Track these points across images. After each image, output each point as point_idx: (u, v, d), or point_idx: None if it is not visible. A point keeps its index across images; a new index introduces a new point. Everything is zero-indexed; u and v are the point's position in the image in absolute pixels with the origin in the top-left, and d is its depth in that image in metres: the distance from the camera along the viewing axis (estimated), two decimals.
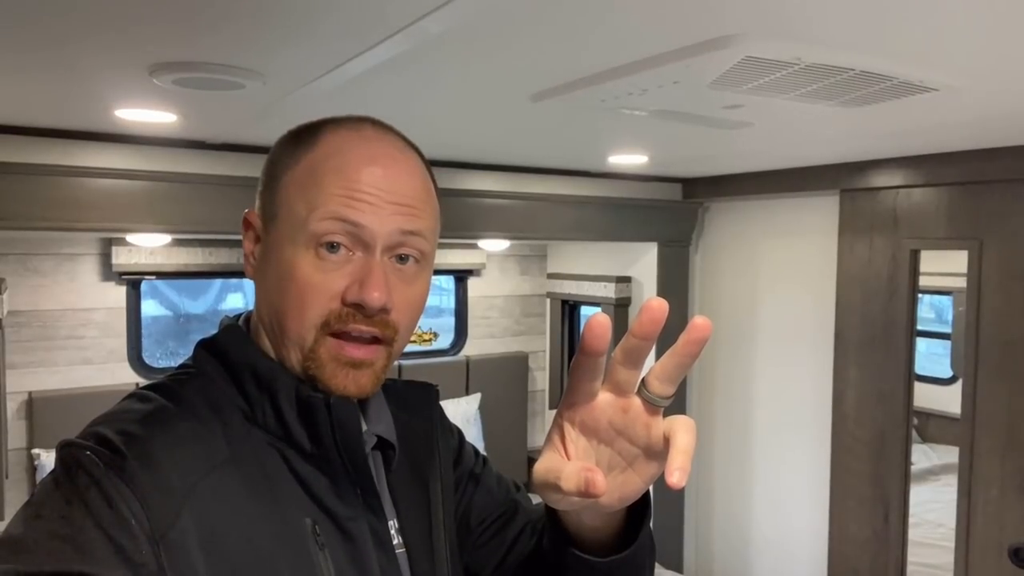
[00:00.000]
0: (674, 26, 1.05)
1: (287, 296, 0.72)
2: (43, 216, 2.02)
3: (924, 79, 1.28)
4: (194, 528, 0.63)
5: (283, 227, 0.73)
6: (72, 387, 2.64)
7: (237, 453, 0.69)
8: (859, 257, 2.55)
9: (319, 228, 0.71)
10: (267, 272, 0.75)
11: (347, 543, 0.72)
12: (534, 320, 3.78)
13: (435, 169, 0.82)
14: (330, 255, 0.71)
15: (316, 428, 0.72)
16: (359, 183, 0.71)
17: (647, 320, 0.57)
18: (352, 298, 0.71)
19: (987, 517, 2.19)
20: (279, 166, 0.76)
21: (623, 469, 0.64)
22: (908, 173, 2.35)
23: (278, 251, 0.73)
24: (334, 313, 0.71)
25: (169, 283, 3.19)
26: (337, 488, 0.73)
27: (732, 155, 2.42)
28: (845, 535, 2.62)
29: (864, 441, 2.55)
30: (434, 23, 1.03)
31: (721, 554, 3.21)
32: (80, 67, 1.32)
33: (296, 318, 0.72)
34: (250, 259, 0.78)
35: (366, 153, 0.74)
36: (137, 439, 0.64)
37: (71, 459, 0.63)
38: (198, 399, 0.71)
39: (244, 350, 0.75)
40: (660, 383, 0.61)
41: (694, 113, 1.56)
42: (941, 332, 3.95)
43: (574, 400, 0.63)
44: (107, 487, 0.61)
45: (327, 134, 0.75)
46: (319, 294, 0.71)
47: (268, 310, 0.75)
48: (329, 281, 0.71)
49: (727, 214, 3.14)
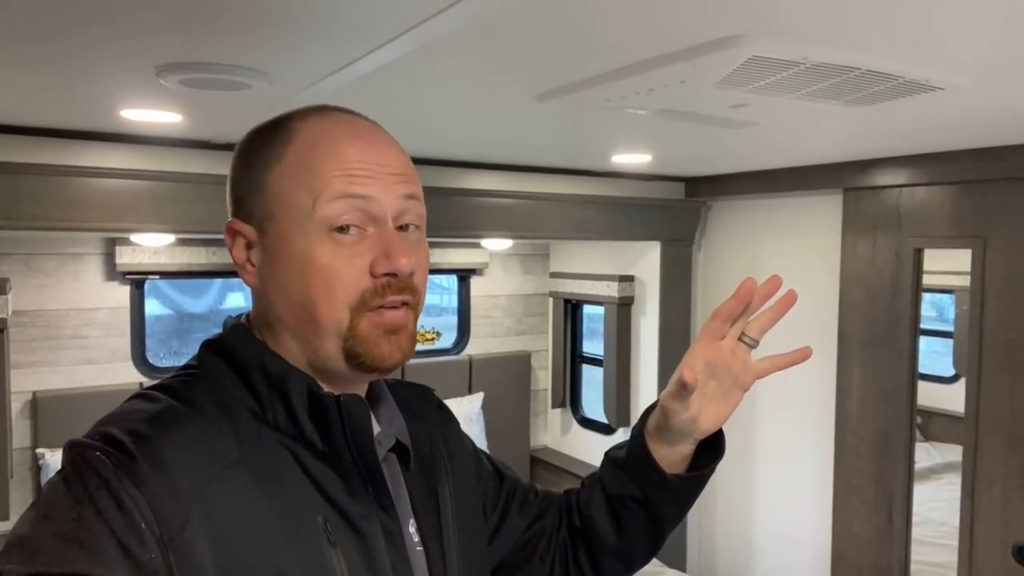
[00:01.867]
0: (681, 26, 1.05)
1: (312, 287, 0.71)
2: (47, 216, 2.02)
3: (930, 78, 1.28)
4: (204, 530, 0.63)
5: (285, 223, 0.72)
6: (76, 386, 2.64)
7: (247, 453, 0.69)
8: (862, 256, 2.55)
9: (329, 212, 0.71)
10: (277, 272, 0.74)
11: (359, 541, 0.72)
12: (537, 319, 3.78)
13: (439, 168, 0.85)
14: (345, 237, 0.71)
15: (327, 425, 0.72)
16: (354, 160, 0.73)
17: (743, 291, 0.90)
18: (383, 269, 0.72)
19: (991, 515, 2.19)
20: (256, 168, 0.75)
21: (719, 400, 0.89)
22: (911, 172, 2.35)
23: (287, 247, 0.72)
24: (369, 291, 0.72)
25: (171, 283, 3.19)
26: (349, 486, 0.73)
27: (735, 154, 2.42)
28: (849, 533, 2.62)
29: (868, 440, 2.55)
30: (441, 24, 1.03)
31: (725, 552, 3.22)
32: (87, 67, 1.32)
33: (327, 304, 0.71)
34: (246, 267, 0.76)
35: (348, 132, 0.75)
36: (147, 440, 0.64)
37: (81, 459, 0.63)
38: (206, 399, 0.71)
39: (253, 349, 0.75)
40: (756, 332, 0.90)
41: (700, 112, 1.57)
42: (943, 331, 3.95)
43: (709, 337, 0.89)
44: (117, 489, 0.61)
45: (298, 124, 0.75)
46: (346, 275, 0.71)
47: (289, 309, 0.74)
48: (352, 261, 0.72)
49: (730, 213, 3.14)
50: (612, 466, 0.97)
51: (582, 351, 3.72)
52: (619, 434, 3.39)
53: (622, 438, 3.35)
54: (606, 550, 0.97)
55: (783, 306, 0.91)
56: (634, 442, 0.94)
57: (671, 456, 0.92)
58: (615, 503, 0.95)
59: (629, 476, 0.94)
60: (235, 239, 0.77)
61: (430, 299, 0.78)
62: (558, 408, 3.75)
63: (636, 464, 0.93)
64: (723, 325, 0.89)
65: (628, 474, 0.94)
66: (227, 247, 0.77)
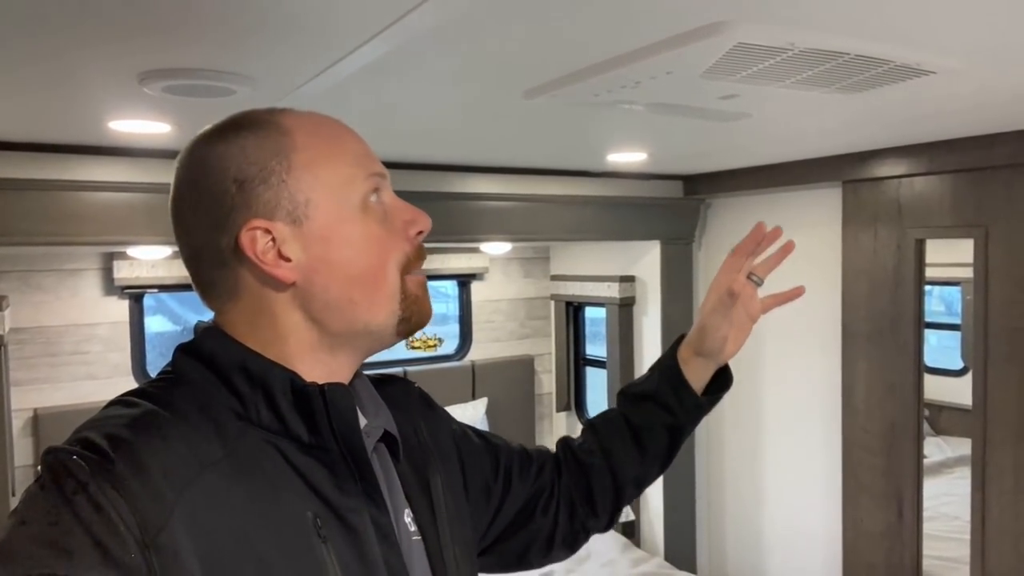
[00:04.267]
0: (663, 14, 1.03)
1: (373, 255, 0.76)
2: (42, 231, 2.02)
3: (921, 61, 1.26)
4: (187, 530, 0.62)
5: (328, 205, 0.74)
6: (78, 402, 2.64)
7: (232, 452, 0.68)
8: (864, 248, 2.52)
9: (366, 187, 0.76)
10: (330, 254, 0.74)
11: (349, 535, 0.71)
12: (539, 323, 3.76)
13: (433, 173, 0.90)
14: (379, 207, 0.77)
15: (313, 417, 0.71)
16: (353, 143, 0.79)
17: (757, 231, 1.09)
18: (419, 228, 0.79)
19: (1002, 508, 2.16)
20: (262, 165, 0.73)
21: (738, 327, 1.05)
22: (910, 162, 2.33)
23: (339, 227, 0.75)
24: (411, 252, 0.78)
25: (173, 296, 3.20)
26: (337, 480, 0.72)
27: (732, 149, 2.40)
28: (859, 530, 2.59)
29: (875, 434, 2.52)
30: (421, 18, 1.02)
31: (734, 552, 3.18)
32: (69, 78, 1.32)
33: (382, 271, 0.76)
34: (280, 265, 0.72)
35: (330, 121, 0.79)
36: (124, 443, 0.63)
37: (57, 464, 0.62)
38: (186, 402, 0.70)
39: (231, 350, 0.74)
40: (762, 272, 1.07)
41: (690, 105, 1.55)
42: (952, 324, 3.91)
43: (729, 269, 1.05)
44: (95, 492, 0.60)
45: (285, 118, 0.76)
46: (392, 241, 0.77)
47: (347, 286, 0.75)
48: (392, 229, 0.77)
49: (729, 210, 3.12)
50: (636, 400, 1.08)
51: (585, 353, 3.70)
52: None
53: None
54: (629, 478, 1.07)
55: (783, 253, 1.09)
56: (666, 372, 1.07)
57: (696, 384, 1.07)
58: (642, 433, 1.06)
59: (659, 404, 1.05)
60: (255, 240, 0.72)
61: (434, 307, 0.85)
62: (563, 412, 3.73)
63: (669, 391, 1.05)
64: (740, 259, 1.05)
65: (659, 402, 1.06)
66: (245, 251, 0.72)
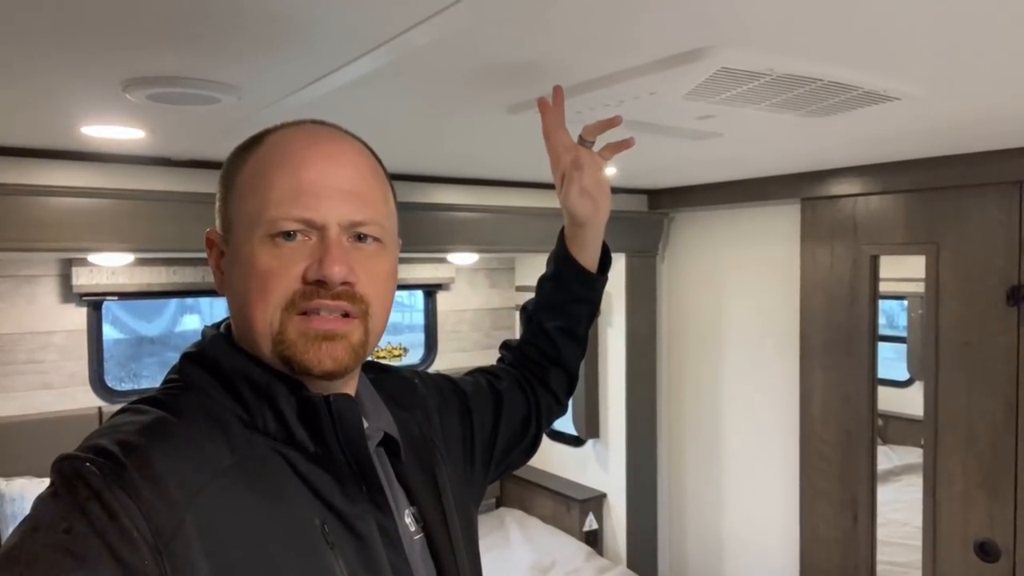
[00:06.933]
0: (653, 39, 1.07)
1: (251, 288, 0.73)
2: (3, 237, 1.96)
3: (888, 88, 1.33)
4: (198, 536, 0.62)
5: (240, 231, 0.75)
6: (33, 412, 2.57)
7: (241, 460, 0.69)
8: (821, 264, 2.61)
9: (272, 217, 0.72)
10: (233, 277, 0.76)
11: (357, 541, 0.73)
12: (504, 333, 3.78)
13: (403, 183, 0.87)
14: (287, 243, 0.73)
15: (318, 427, 0.72)
16: (304, 171, 0.74)
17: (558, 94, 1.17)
18: (313, 276, 0.72)
19: (952, 514, 2.25)
20: (230, 177, 0.78)
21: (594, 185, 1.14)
22: (866, 181, 2.43)
23: (240, 253, 0.74)
24: (298, 292, 0.72)
25: (123, 306, 3.12)
26: (343, 487, 0.74)
27: (697, 166, 2.47)
28: (816, 536, 2.67)
29: (831, 443, 2.60)
30: (410, 38, 1.03)
31: (695, 560, 3.24)
32: (49, 83, 1.29)
33: (260, 304, 0.72)
34: (217, 274, 0.80)
35: (308, 142, 0.76)
36: (137, 449, 0.64)
37: (70, 471, 0.62)
38: (195, 410, 0.71)
39: (235, 358, 0.75)
40: (589, 134, 1.16)
41: (667, 124, 1.60)
42: (897, 336, 4.06)
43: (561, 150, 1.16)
44: (108, 499, 0.60)
45: (271, 135, 0.78)
46: (280, 277, 0.72)
47: (237, 311, 0.76)
48: (288, 264, 0.73)
49: (692, 224, 3.20)
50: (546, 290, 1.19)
51: None
52: (589, 446, 3.40)
53: (592, 450, 3.37)
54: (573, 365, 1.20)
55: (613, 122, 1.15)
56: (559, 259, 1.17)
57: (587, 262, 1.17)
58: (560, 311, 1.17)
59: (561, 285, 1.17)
60: (211, 248, 0.80)
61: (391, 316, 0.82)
62: None
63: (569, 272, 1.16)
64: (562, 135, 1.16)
65: (560, 284, 1.17)
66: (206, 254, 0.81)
